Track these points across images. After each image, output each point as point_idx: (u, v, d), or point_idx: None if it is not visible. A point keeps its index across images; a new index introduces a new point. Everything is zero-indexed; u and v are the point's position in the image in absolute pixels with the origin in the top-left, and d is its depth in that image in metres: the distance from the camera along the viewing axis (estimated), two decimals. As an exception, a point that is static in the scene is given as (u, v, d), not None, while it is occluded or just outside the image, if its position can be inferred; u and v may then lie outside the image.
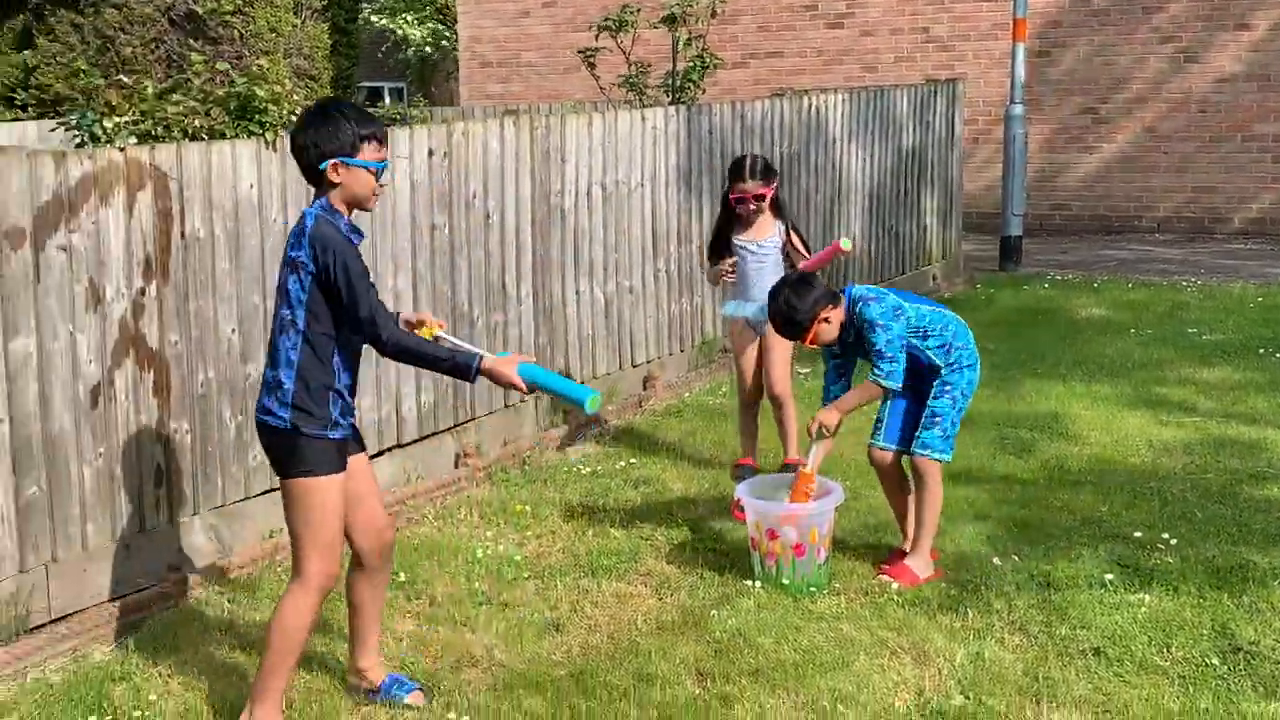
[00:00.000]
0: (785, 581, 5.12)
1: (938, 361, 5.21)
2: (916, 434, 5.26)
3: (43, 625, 4.86)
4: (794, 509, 5.16)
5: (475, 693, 4.39)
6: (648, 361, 8.20)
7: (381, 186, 4.00)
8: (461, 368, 3.95)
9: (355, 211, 3.97)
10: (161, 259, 5.15)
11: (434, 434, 6.59)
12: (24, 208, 4.67)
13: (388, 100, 32.00)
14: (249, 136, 5.52)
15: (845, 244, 6.06)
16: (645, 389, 8.11)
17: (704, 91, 9.41)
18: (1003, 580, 5.18)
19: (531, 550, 5.67)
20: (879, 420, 5.39)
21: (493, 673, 4.56)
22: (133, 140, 5.08)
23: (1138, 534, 5.61)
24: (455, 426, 6.73)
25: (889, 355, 5.09)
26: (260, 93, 5.46)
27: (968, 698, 4.28)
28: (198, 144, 5.26)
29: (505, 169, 6.93)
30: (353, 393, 4.03)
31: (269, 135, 5.45)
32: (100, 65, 21.92)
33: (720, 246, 6.48)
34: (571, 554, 5.61)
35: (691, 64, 9.31)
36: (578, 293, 7.55)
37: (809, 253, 6.38)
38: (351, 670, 4.37)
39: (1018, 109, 12.91)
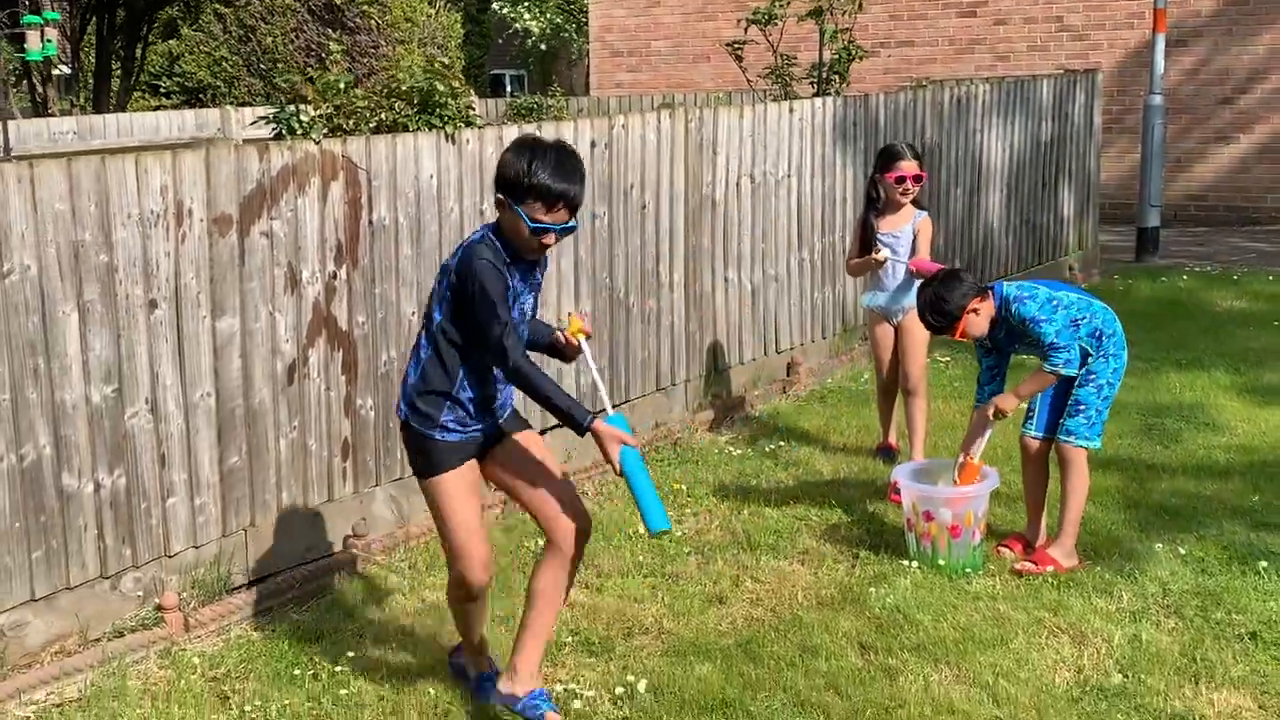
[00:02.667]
0: (941, 562, 5.29)
1: (1089, 349, 5.31)
2: (1061, 421, 5.37)
3: (241, 586, 5.22)
4: (952, 492, 5.32)
5: (649, 657, 4.64)
6: (791, 348, 8.39)
7: (544, 246, 3.88)
8: (574, 422, 3.84)
9: None
10: (351, 245, 5.47)
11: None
12: (231, 196, 5.01)
13: (509, 88, 32.51)
14: (430, 129, 5.81)
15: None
16: (789, 374, 8.30)
17: (848, 84, 9.54)
18: (1156, 565, 5.29)
19: (690, 527, 5.90)
20: (1030, 409, 5.52)
21: (663, 640, 4.80)
22: (325, 132, 5.40)
23: (1290, 524, 5.68)
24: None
25: (1062, 345, 5.17)
26: (441, 87, 5.75)
27: (1127, 677, 4.42)
28: (384, 136, 5.57)
29: (660, 160, 7.16)
30: (482, 405, 3.99)
31: (448, 129, 5.74)
32: (242, 54, 22.68)
33: (866, 239, 6.60)
34: (729, 531, 5.84)
35: (838, 55, 9.45)
36: (726, 280, 7.76)
37: (929, 251, 6.47)
38: (484, 660, 4.34)
39: (1156, 100, 12.81)
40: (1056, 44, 16.25)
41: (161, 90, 23.99)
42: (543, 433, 5.02)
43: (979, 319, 5.28)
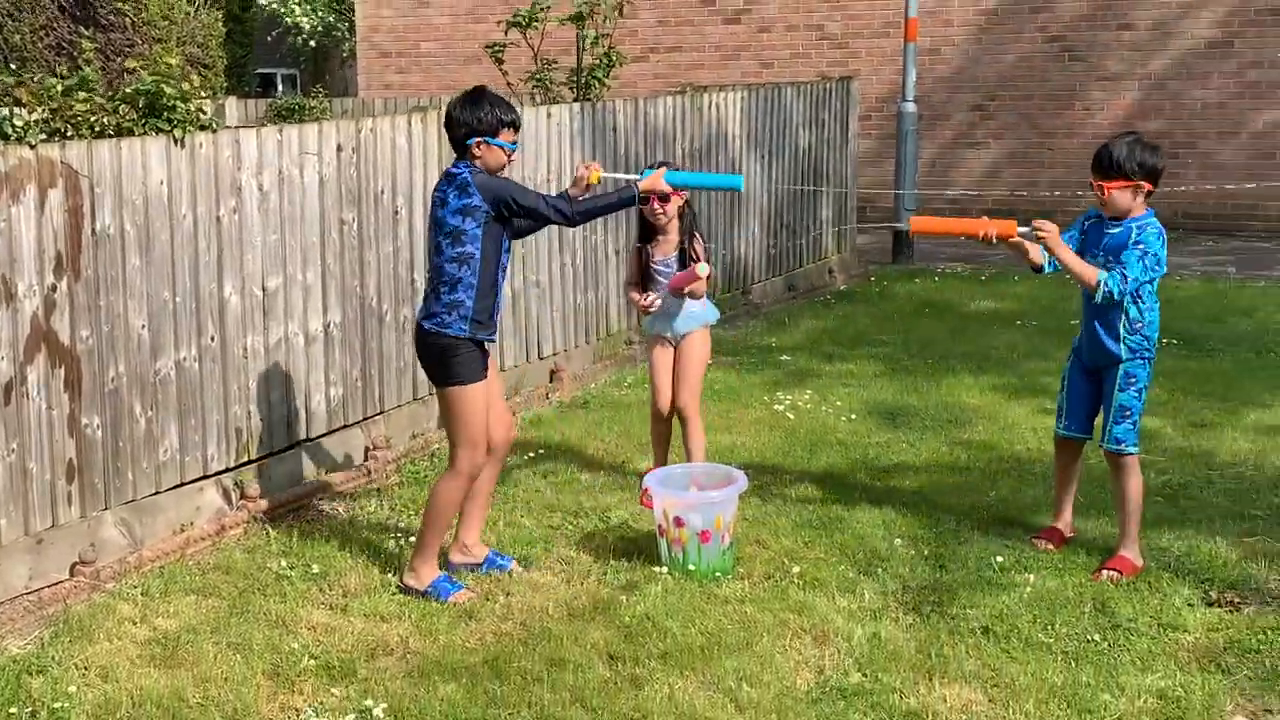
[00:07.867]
0: (691, 567, 5.31)
1: (1124, 332, 5.29)
2: (1107, 429, 5.35)
3: (-46, 621, 4.88)
4: (701, 497, 5.35)
5: (391, 680, 4.51)
6: (554, 354, 8.34)
7: (510, 162, 5.20)
8: (627, 200, 5.22)
9: None
10: (73, 255, 5.18)
11: (343, 427, 6.67)
12: (-66, 204, 4.68)
13: (280, 88, 31.60)
14: (157, 134, 5.55)
15: (702, 270, 6.04)
16: (552, 381, 8.25)
17: (609, 88, 9.54)
18: (898, 562, 5.42)
19: (445, 541, 5.77)
20: (1060, 408, 5.58)
21: (408, 660, 4.68)
22: (42, 137, 5.10)
23: (1024, 517, 5.89)
24: (364, 420, 6.81)
25: (1130, 278, 5.12)
26: (169, 90, 5.50)
27: (865, 675, 4.50)
28: (107, 141, 5.29)
29: (414, 164, 7.02)
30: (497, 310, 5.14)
31: (177, 132, 5.50)
32: (-14, 51, 21.45)
33: (642, 270, 6.27)
34: (483, 544, 5.73)
35: (598, 61, 9.44)
36: (484, 287, 7.64)
37: (705, 257, 6.21)
38: (457, 547, 5.38)
39: (909, 107, 13.25)
40: (817, 51, 16.65)
41: (-103, 88, 22.49)
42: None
43: (1132, 197, 5.22)
